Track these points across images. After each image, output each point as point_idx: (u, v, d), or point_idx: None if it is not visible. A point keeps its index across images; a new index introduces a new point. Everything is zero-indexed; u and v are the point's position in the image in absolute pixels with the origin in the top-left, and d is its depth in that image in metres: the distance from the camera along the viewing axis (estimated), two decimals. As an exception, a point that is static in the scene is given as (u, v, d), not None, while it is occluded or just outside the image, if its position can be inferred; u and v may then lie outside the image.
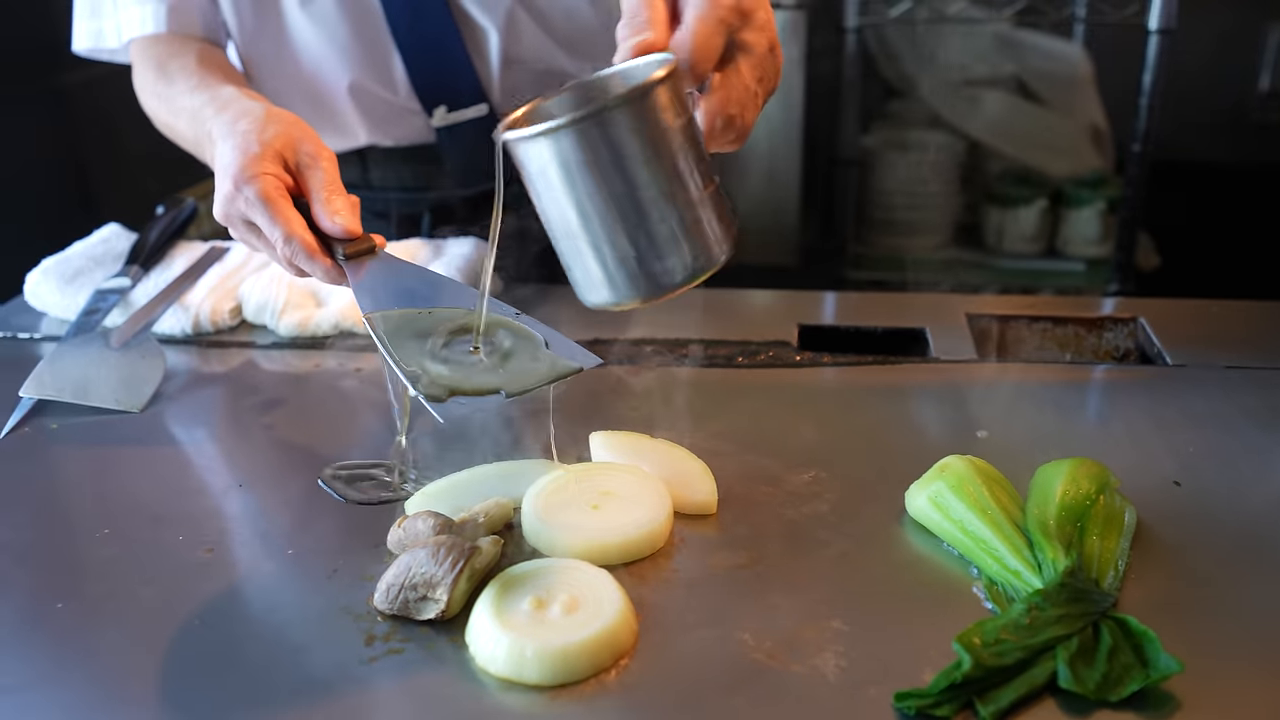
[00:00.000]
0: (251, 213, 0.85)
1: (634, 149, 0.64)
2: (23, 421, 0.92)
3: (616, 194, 0.65)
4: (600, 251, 0.67)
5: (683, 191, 0.66)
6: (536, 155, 0.65)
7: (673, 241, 0.66)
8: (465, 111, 1.21)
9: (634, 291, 0.68)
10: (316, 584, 0.71)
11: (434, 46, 1.18)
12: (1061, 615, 0.64)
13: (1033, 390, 0.94)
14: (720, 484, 0.79)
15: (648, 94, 0.63)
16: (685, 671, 0.63)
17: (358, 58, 1.18)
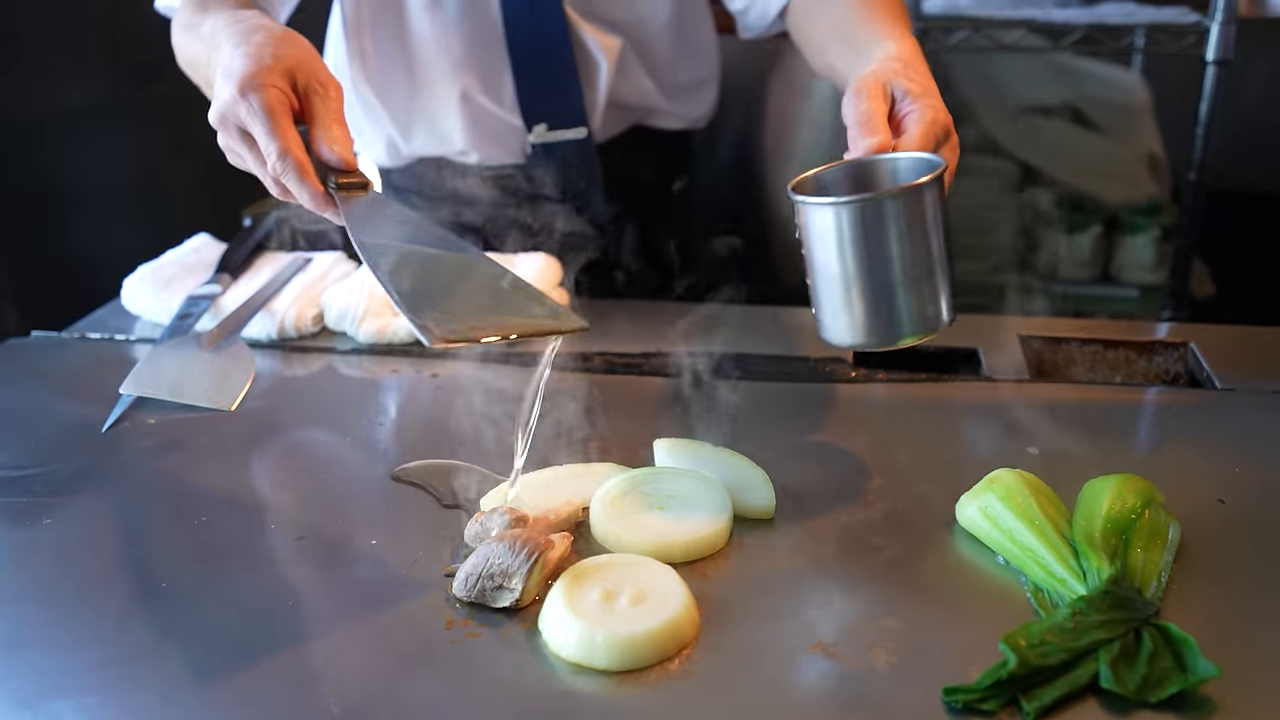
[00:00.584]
0: (251, 121, 0.84)
1: (906, 228, 0.79)
2: (123, 416, 0.99)
3: (884, 261, 0.79)
4: (854, 304, 0.81)
5: (934, 267, 0.81)
6: (825, 218, 0.80)
7: (916, 306, 0.81)
8: (564, 132, 1.28)
9: (873, 339, 0.82)
10: (399, 572, 0.76)
11: (547, 66, 1.25)
12: (1104, 620, 0.67)
13: (1083, 410, 0.97)
14: (777, 490, 0.83)
15: (927, 187, 0.79)
16: (744, 661, 0.67)
17: (470, 65, 1.25)
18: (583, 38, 1.24)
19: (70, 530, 0.82)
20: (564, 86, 1.26)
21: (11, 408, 1.02)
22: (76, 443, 0.94)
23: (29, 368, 1.10)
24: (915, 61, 0.96)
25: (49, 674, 0.67)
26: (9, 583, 0.76)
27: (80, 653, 0.69)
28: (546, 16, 1.22)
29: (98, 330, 1.18)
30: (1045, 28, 2.00)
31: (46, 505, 0.85)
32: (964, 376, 1.04)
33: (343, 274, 1.22)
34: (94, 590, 0.75)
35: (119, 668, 0.67)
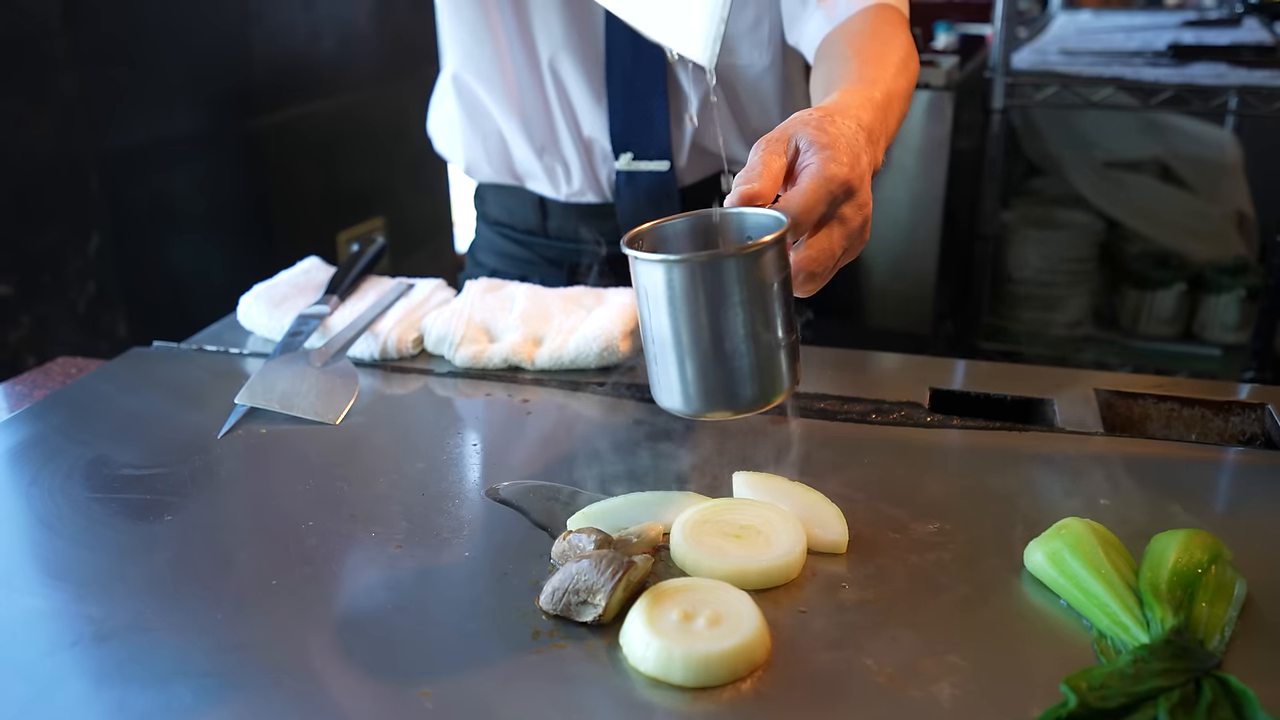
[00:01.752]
0: None
1: (737, 294, 0.74)
2: (237, 425, 1.06)
3: (713, 326, 0.75)
4: (683, 367, 0.77)
5: (769, 336, 0.76)
6: (650, 275, 0.76)
7: (747, 376, 0.77)
8: (649, 163, 1.34)
9: (701, 407, 0.78)
10: (490, 584, 0.81)
11: (640, 98, 1.31)
12: (1165, 669, 0.69)
13: (1156, 465, 0.99)
14: (850, 527, 0.87)
15: (761, 252, 0.74)
16: (812, 687, 0.70)
17: (570, 85, 1.31)
18: (679, 77, 1.30)
19: (189, 527, 0.89)
20: (653, 120, 1.32)
21: (136, 412, 1.10)
22: (195, 447, 1.02)
23: (151, 375, 1.18)
24: (850, 110, 0.90)
25: (171, 656, 0.73)
26: (135, 573, 0.82)
27: (198, 639, 0.75)
28: (646, 52, 1.28)
29: (214, 343, 1.26)
30: (1135, 86, 2.01)
31: (168, 503, 0.92)
32: (1037, 427, 1.07)
33: (442, 300, 1.29)
34: (210, 583, 0.81)
35: (232, 654, 0.73)
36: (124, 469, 0.97)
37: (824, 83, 1.08)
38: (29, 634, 0.75)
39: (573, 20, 1.30)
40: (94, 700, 0.69)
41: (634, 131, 1.33)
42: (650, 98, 1.31)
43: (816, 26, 1.23)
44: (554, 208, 1.41)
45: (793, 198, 0.79)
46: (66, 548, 0.85)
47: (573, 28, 1.30)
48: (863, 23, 1.18)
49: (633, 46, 1.28)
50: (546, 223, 1.44)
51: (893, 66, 1.05)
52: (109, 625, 0.76)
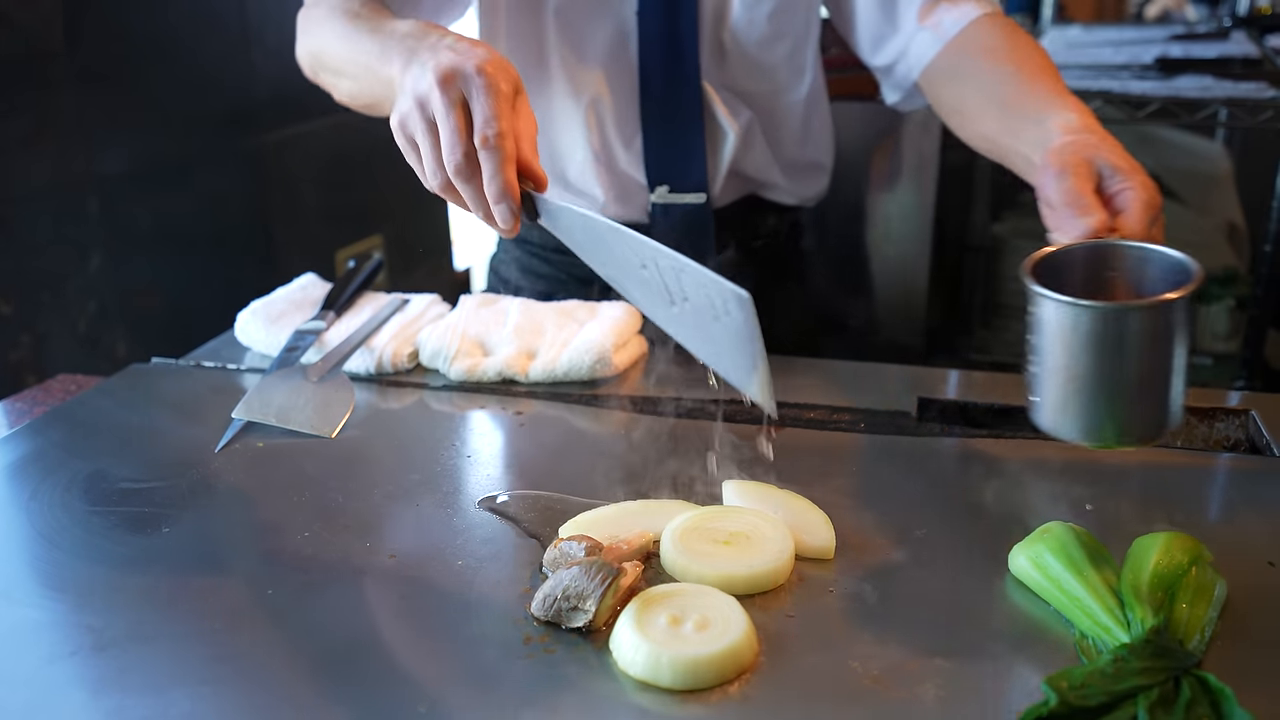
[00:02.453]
0: (476, 96, 0.84)
1: (1174, 335, 0.76)
2: (234, 439, 1.07)
3: (1144, 365, 0.77)
4: (1087, 400, 0.79)
5: (1173, 375, 0.78)
6: (1080, 317, 0.76)
7: (1145, 413, 0.79)
8: (685, 195, 1.33)
9: (1092, 439, 0.81)
10: (483, 591, 0.83)
11: (676, 133, 1.30)
12: (1145, 668, 0.70)
13: (1139, 471, 1.00)
14: (838, 533, 0.88)
15: (1188, 298, 0.76)
16: (799, 688, 0.72)
17: (605, 118, 1.31)
18: (714, 109, 1.30)
19: (186, 539, 0.90)
20: (689, 154, 1.31)
21: (134, 426, 1.11)
22: (192, 461, 1.03)
23: (150, 391, 1.20)
24: (1106, 133, 0.93)
25: (169, 665, 0.74)
26: (133, 584, 0.84)
27: (195, 648, 0.76)
28: (682, 87, 1.28)
29: (212, 359, 1.28)
30: (1122, 99, 2.03)
31: (165, 515, 0.93)
32: (1024, 434, 1.08)
33: (437, 315, 1.30)
34: (207, 593, 0.82)
35: (229, 664, 0.75)
36: (122, 483, 0.99)
37: (991, 100, 1.09)
38: (29, 643, 0.77)
39: (613, 61, 1.29)
40: (93, 708, 0.71)
41: (670, 165, 1.32)
42: (687, 132, 1.30)
43: (924, 46, 1.24)
44: None
45: (1134, 226, 0.83)
46: (66, 560, 0.87)
47: (613, 68, 1.30)
48: (990, 35, 1.19)
49: (666, 84, 1.28)
50: None
51: (1053, 69, 1.07)
52: (107, 635, 0.77)
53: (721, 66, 1.30)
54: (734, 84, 1.32)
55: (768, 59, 1.31)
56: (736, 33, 1.28)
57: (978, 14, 1.22)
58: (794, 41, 1.32)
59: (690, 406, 1.14)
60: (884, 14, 1.29)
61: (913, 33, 1.25)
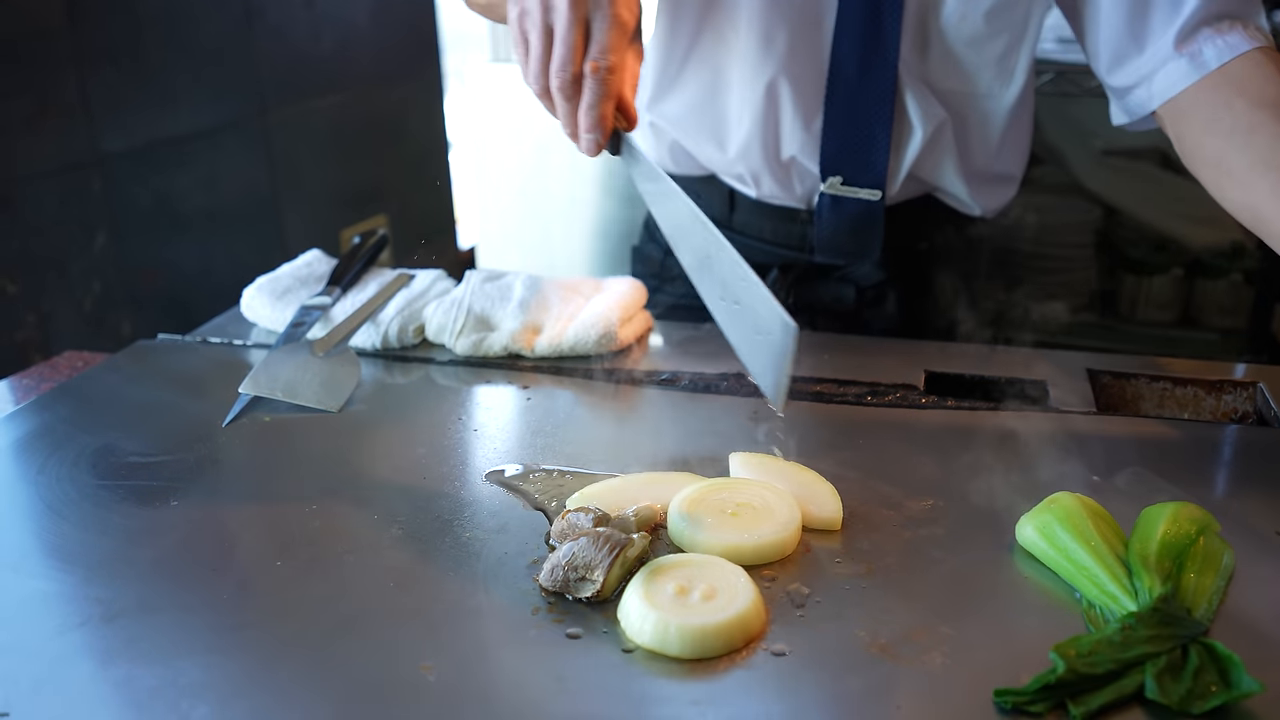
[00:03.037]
0: (601, 23, 0.86)
1: None
2: (241, 413, 1.07)
3: None
4: None
5: None
6: None
7: None
8: (858, 190, 1.23)
9: None
10: (490, 563, 0.83)
11: (861, 121, 1.21)
12: (1153, 635, 0.70)
13: (1148, 443, 1.00)
14: (845, 504, 0.88)
15: None
16: (807, 657, 0.72)
17: (785, 103, 1.22)
18: (905, 104, 1.20)
19: (194, 512, 0.90)
20: (872, 147, 1.21)
21: (142, 402, 1.11)
22: (199, 435, 1.03)
23: (156, 367, 1.20)
24: None
25: (177, 636, 0.74)
26: (142, 556, 0.84)
27: (204, 619, 0.76)
28: (876, 76, 1.18)
29: (218, 335, 1.28)
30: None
31: (173, 489, 0.93)
32: (1031, 407, 1.08)
33: (443, 290, 1.30)
34: (216, 565, 0.83)
35: (238, 633, 0.75)
36: (130, 456, 0.99)
37: (1265, 166, 0.98)
38: (39, 615, 0.77)
39: (806, 32, 1.19)
40: (102, 678, 0.71)
41: (849, 157, 1.22)
42: (874, 124, 1.20)
43: (1174, 77, 1.08)
44: (743, 202, 1.32)
45: None
46: (74, 533, 0.87)
47: (804, 40, 1.20)
48: (1265, 78, 1.03)
49: (860, 69, 1.18)
50: (733, 216, 1.34)
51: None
52: (116, 606, 0.77)
53: (923, 60, 1.20)
54: (933, 80, 1.21)
55: (975, 58, 1.19)
56: (946, 26, 1.17)
57: (1249, 47, 1.04)
58: (1008, 42, 1.19)
59: (696, 380, 1.13)
60: (1131, 29, 1.11)
61: (1165, 58, 1.08)
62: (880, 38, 1.16)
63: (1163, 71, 1.09)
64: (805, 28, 1.18)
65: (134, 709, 0.68)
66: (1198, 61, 1.06)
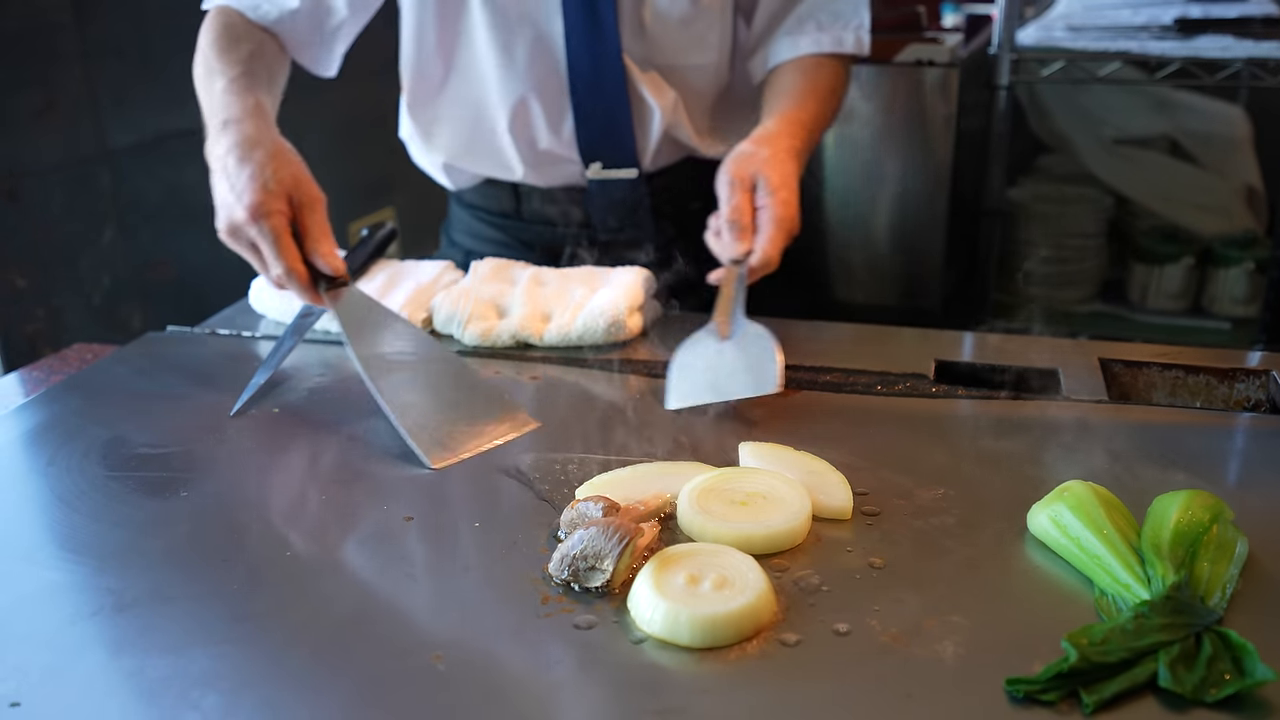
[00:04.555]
0: (261, 242, 1.05)
1: None
2: (249, 404, 1.07)
3: None
4: None
5: None
6: None
7: None
8: (618, 171, 1.39)
9: None
10: (499, 552, 0.83)
11: (605, 113, 1.35)
12: (1166, 624, 0.70)
13: (1160, 431, 1.00)
14: (855, 494, 0.88)
15: None
16: (818, 646, 0.71)
17: (533, 105, 1.35)
18: (639, 88, 1.34)
19: (204, 502, 0.90)
20: (619, 131, 1.37)
21: (151, 393, 1.11)
22: (209, 426, 1.03)
23: (165, 359, 1.20)
24: (781, 139, 1.16)
25: (188, 626, 0.75)
26: (152, 546, 0.84)
27: (215, 609, 0.76)
28: (607, 67, 1.32)
29: (226, 327, 1.28)
30: (1141, 60, 2.01)
31: (183, 480, 0.94)
32: (1043, 396, 1.07)
33: (450, 281, 1.30)
34: (226, 555, 0.83)
35: (249, 623, 0.75)
36: (140, 448, 0.99)
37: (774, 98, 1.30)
38: (51, 605, 0.77)
39: (538, 49, 1.33)
40: (113, 668, 0.71)
41: (602, 144, 1.38)
42: (616, 111, 1.36)
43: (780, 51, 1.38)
44: (527, 192, 1.46)
45: (766, 247, 1.08)
46: (85, 524, 0.87)
47: (538, 57, 1.33)
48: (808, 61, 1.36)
49: (592, 63, 1.33)
50: (520, 207, 1.48)
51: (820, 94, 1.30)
52: (128, 596, 0.77)
53: (643, 43, 1.34)
54: (654, 59, 1.36)
55: (685, 36, 1.35)
56: (658, 10, 1.33)
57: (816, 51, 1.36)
58: (709, 18, 1.36)
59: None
60: None
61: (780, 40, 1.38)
62: (602, 31, 1.31)
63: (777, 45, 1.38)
64: (539, 39, 1.33)
65: (145, 698, 0.68)
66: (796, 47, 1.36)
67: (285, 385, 1.12)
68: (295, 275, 1.05)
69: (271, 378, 1.11)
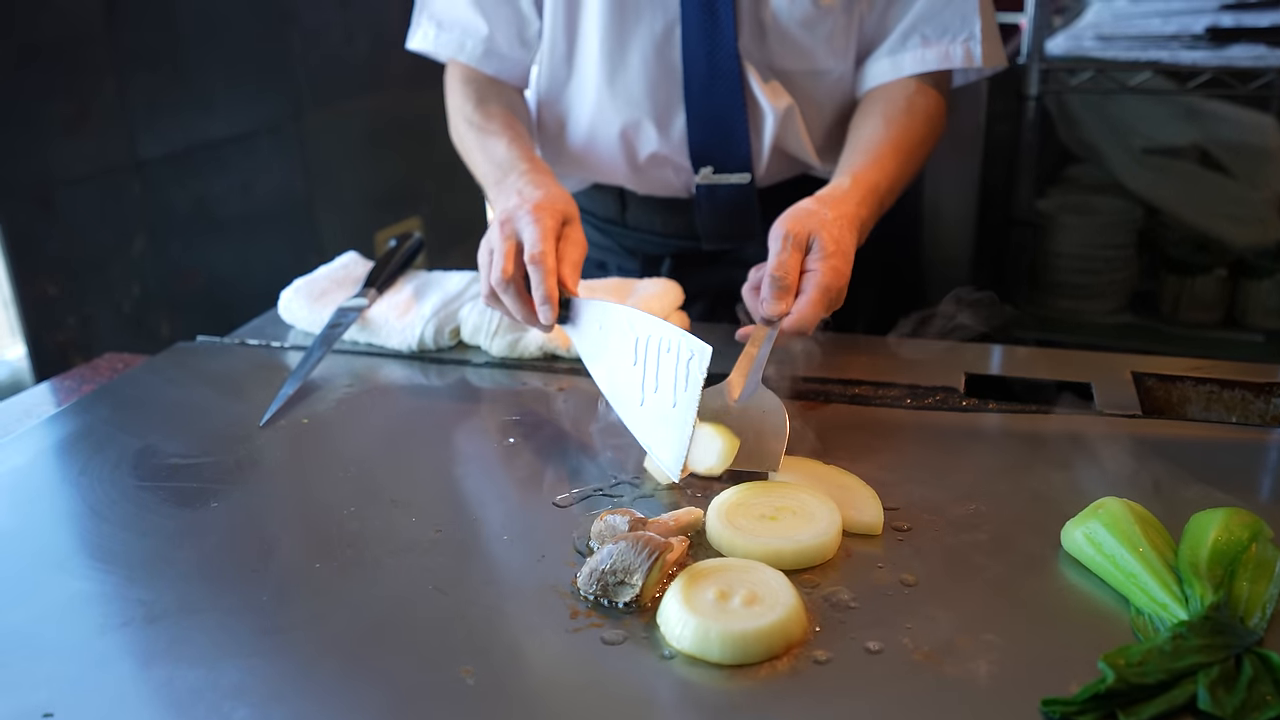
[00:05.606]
0: (526, 228, 1.06)
1: None
2: (279, 414, 1.07)
3: None
4: None
5: None
6: None
7: None
8: (729, 176, 1.34)
9: None
10: (528, 565, 0.82)
11: (719, 115, 1.31)
12: (1205, 645, 0.69)
13: (1195, 447, 0.98)
14: (885, 509, 0.87)
15: None
16: (850, 664, 0.71)
17: (647, 107, 1.32)
18: (755, 91, 1.30)
19: (234, 513, 0.91)
20: (732, 135, 1.32)
21: (181, 403, 1.12)
22: (238, 436, 1.04)
23: (195, 369, 1.21)
24: (848, 204, 1.08)
25: (218, 638, 0.75)
26: (183, 558, 0.84)
27: (245, 621, 0.76)
28: (722, 68, 1.28)
29: (256, 337, 1.29)
30: (1172, 70, 1.99)
31: (213, 490, 0.94)
32: (1075, 409, 1.06)
33: (477, 293, 1.30)
34: (255, 567, 0.83)
35: (279, 636, 0.75)
36: (171, 458, 0.99)
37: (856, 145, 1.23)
38: (82, 615, 0.77)
39: (655, 53, 1.29)
40: (144, 679, 0.71)
41: (713, 147, 1.33)
42: (730, 112, 1.30)
43: (881, 73, 1.30)
44: (633, 199, 1.43)
45: (805, 310, 0.99)
46: (116, 533, 0.87)
47: (657, 53, 1.29)
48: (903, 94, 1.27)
49: (708, 61, 1.28)
50: (625, 213, 1.45)
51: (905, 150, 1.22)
52: (158, 607, 0.78)
53: (762, 45, 1.29)
54: (773, 62, 1.31)
55: (809, 39, 1.29)
56: (777, 11, 1.27)
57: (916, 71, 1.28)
58: (838, 20, 1.29)
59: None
60: None
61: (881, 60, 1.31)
62: (718, 28, 1.26)
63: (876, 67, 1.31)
64: (654, 35, 1.29)
65: (176, 711, 0.68)
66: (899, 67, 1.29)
67: (314, 395, 1.12)
68: (549, 263, 1.04)
69: (301, 388, 1.12)
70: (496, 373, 1.18)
